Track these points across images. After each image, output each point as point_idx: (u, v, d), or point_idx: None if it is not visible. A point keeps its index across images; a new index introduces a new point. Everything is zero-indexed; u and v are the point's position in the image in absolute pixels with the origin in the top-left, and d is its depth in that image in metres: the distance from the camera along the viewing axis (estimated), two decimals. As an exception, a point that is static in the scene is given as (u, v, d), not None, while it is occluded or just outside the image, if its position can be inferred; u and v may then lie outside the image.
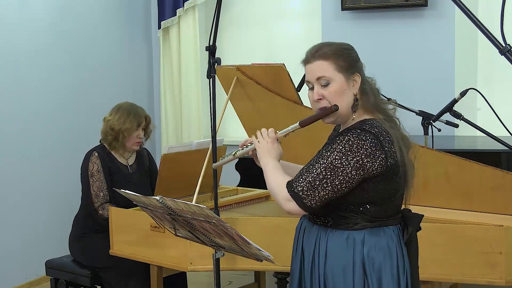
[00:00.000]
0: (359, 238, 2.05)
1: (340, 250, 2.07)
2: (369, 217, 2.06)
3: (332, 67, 2.06)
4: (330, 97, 2.07)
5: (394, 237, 2.09)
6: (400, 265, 2.09)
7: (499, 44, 1.72)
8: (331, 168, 1.99)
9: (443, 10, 4.73)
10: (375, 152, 1.99)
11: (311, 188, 2.00)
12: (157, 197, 2.21)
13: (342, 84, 2.07)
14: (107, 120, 3.68)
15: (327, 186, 1.99)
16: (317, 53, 2.09)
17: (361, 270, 2.05)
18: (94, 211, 3.60)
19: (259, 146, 2.19)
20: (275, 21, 5.64)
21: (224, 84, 3.36)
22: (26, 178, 4.67)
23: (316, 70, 2.08)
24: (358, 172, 1.98)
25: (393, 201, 2.10)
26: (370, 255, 2.05)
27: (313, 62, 2.09)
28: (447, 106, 3.32)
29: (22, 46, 4.64)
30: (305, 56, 2.14)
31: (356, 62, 2.12)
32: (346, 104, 2.08)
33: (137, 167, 3.78)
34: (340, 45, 2.12)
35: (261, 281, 4.08)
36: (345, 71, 2.07)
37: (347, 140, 2.00)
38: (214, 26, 2.75)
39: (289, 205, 2.04)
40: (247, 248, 2.17)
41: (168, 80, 5.77)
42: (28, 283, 4.68)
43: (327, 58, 2.07)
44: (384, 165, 2.00)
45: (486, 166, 2.90)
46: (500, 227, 2.73)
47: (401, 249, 2.11)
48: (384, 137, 2.03)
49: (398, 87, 4.66)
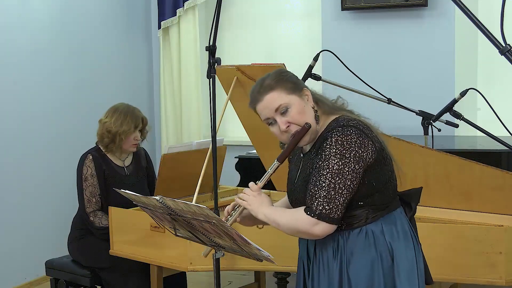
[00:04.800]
0: (378, 229, 2.07)
1: (363, 247, 2.07)
2: (377, 206, 2.07)
3: (283, 93, 2.08)
4: (296, 119, 2.07)
5: (404, 219, 2.13)
6: (416, 247, 2.13)
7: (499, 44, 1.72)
8: (338, 173, 1.99)
9: (443, 10, 4.74)
10: (363, 141, 2.01)
11: (331, 201, 1.99)
12: (157, 197, 2.21)
13: (300, 103, 2.09)
14: (103, 122, 3.64)
15: (342, 191, 1.99)
16: (262, 89, 2.10)
17: (390, 261, 2.06)
18: (86, 216, 3.59)
19: (249, 204, 2.16)
20: (275, 21, 5.64)
21: (224, 84, 3.35)
22: (26, 178, 4.67)
23: (270, 104, 2.08)
24: (360, 165, 2.00)
25: (392, 182, 2.13)
26: (393, 243, 2.07)
27: (263, 99, 2.09)
28: (447, 106, 3.32)
29: (22, 46, 4.64)
30: (251, 98, 2.14)
31: (297, 79, 2.15)
32: (312, 118, 2.10)
33: (134, 168, 3.77)
34: (276, 72, 2.14)
35: (261, 281, 4.08)
36: (295, 90, 2.09)
37: (336, 141, 2.00)
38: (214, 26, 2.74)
39: (318, 228, 2.00)
40: (247, 248, 2.17)
41: (168, 80, 5.77)
42: (28, 283, 4.68)
43: (274, 88, 2.09)
44: (374, 150, 2.03)
45: (486, 166, 2.90)
46: (500, 227, 2.73)
47: (412, 229, 2.15)
48: (362, 125, 2.06)
49: (398, 87, 4.66)
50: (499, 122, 3.08)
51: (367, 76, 3.47)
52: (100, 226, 3.53)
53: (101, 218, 3.55)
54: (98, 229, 3.54)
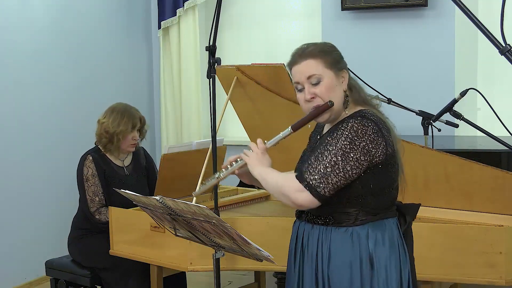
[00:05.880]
0: (364, 233, 2.05)
1: (345, 247, 2.06)
2: (369, 210, 2.06)
3: (321, 65, 2.07)
4: (323, 94, 2.07)
5: (394, 229, 2.10)
6: (402, 257, 2.10)
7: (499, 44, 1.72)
8: (342, 154, 1.98)
9: (443, 10, 4.74)
10: (377, 138, 2.01)
11: (324, 176, 1.98)
12: (157, 197, 2.21)
13: (333, 80, 2.08)
14: (101, 123, 3.64)
15: (339, 172, 1.98)
16: (304, 53, 2.09)
17: (368, 265, 2.05)
18: (91, 215, 3.59)
19: (249, 158, 2.17)
20: (275, 21, 5.64)
21: (224, 84, 3.35)
22: (26, 178, 4.67)
23: (305, 70, 2.08)
24: (366, 158, 1.99)
25: (391, 192, 2.11)
26: (376, 249, 2.05)
27: (301, 62, 2.09)
28: (447, 106, 3.32)
29: (22, 46, 4.64)
30: (291, 58, 2.13)
31: (342, 59, 2.14)
32: (338, 100, 2.08)
33: (134, 167, 3.77)
34: (324, 44, 2.14)
35: (261, 281, 4.08)
36: (334, 67, 2.08)
37: (351, 127, 2.00)
38: (214, 26, 2.75)
39: (301, 196, 2.00)
40: (247, 248, 2.17)
41: (168, 80, 5.77)
42: (28, 283, 4.68)
43: (315, 57, 2.08)
44: (385, 153, 2.02)
45: (486, 166, 2.90)
46: (500, 227, 2.73)
47: (402, 240, 2.13)
48: (383, 125, 2.05)
49: (398, 87, 4.66)
50: (499, 122, 3.08)
51: (367, 76, 3.47)
52: (107, 220, 3.51)
53: (106, 213, 3.54)
54: (105, 223, 3.51)
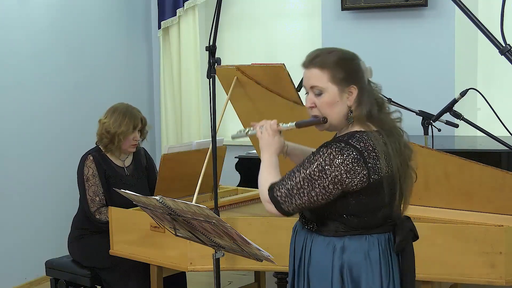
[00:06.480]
0: (339, 244, 2.05)
1: (321, 255, 2.08)
2: (352, 226, 2.05)
3: (326, 78, 2.04)
4: (321, 107, 2.06)
5: (376, 245, 2.06)
6: (384, 275, 2.06)
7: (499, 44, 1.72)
8: (309, 180, 1.99)
9: (443, 10, 4.74)
10: (355, 168, 1.96)
11: (289, 195, 2.02)
12: (157, 197, 2.21)
13: (335, 96, 2.04)
14: (103, 123, 3.63)
15: (303, 196, 2.00)
16: (314, 60, 2.06)
17: (339, 276, 2.05)
18: (91, 215, 3.59)
19: (261, 138, 2.20)
20: (275, 21, 5.64)
21: (224, 84, 3.35)
22: (26, 178, 4.67)
23: (310, 78, 2.07)
24: (336, 187, 1.97)
25: (377, 215, 2.06)
26: (350, 261, 2.04)
27: (309, 69, 2.08)
28: (447, 106, 3.32)
29: (22, 46, 4.64)
30: (304, 59, 2.11)
31: (355, 73, 2.05)
32: (336, 116, 2.06)
33: (134, 168, 3.76)
34: (341, 54, 2.07)
35: (261, 281, 4.08)
36: (340, 83, 2.03)
37: (329, 154, 1.97)
38: (214, 26, 2.75)
39: (268, 206, 2.08)
40: (247, 248, 2.17)
41: (168, 80, 5.77)
42: (28, 283, 4.68)
43: (323, 68, 2.04)
44: (366, 181, 1.97)
45: (486, 166, 2.90)
46: (500, 227, 2.73)
47: (387, 258, 2.08)
48: (370, 153, 1.99)
49: (398, 87, 4.65)
50: (499, 122, 3.08)
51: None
52: (107, 220, 3.51)
53: (106, 213, 3.54)
54: (106, 223, 3.50)
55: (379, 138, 2.03)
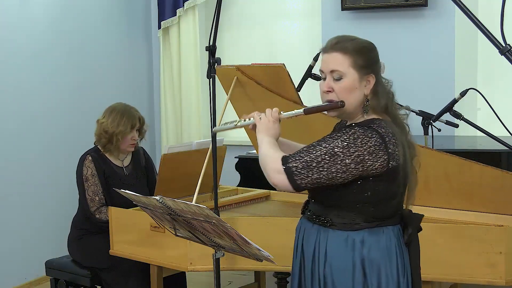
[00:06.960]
0: (359, 238, 2.05)
1: (340, 250, 2.06)
2: (367, 217, 2.06)
3: (347, 63, 2.05)
4: (339, 92, 2.06)
5: (393, 237, 2.09)
6: (400, 266, 2.09)
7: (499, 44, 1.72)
8: (332, 154, 1.97)
9: (443, 10, 4.74)
10: (378, 151, 1.98)
11: (306, 168, 1.98)
12: (157, 197, 2.21)
13: (354, 81, 2.05)
14: (101, 123, 3.64)
15: (322, 170, 1.98)
16: (337, 45, 2.08)
17: (361, 271, 2.05)
18: (91, 215, 3.58)
19: (260, 122, 2.17)
20: (275, 21, 5.64)
21: (224, 84, 3.35)
22: (26, 178, 4.67)
23: (331, 62, 2.07)
24: (357, 167, 1.97)
25: (392, 203, 2.09)
26: (370, 256, 2.05)
27: (330, 53, 2.08)
28: (447, 106, 3.32)
29: (22, 46, 4.64)
30: (325, 44, 2.12)
31: (374, 63, 2.09)
32: (352, 102, 2.06)
33: (133, 167, 3.76)
34: (362, 42, 2.10)
35: (261, 281, 4.08)
36: (360, 69, 2.05)
37: (353, 133, 1.99)
38: (214, 26, 2.75)
39: (278, 177, 2.01)
40: (247, 248, 2.17)
41: (168, 80, 5.77)
42: (28, 283, 4.68)
43: (345, 53, 2.05)
44: (385, 166, 2.00)
45: (486, 166, 2.90)
46: (500, 227, 2.73)
47: (401, 249, 2.11)
48: (390, 139, 2.02)
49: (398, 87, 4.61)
50: (499, 122, 3.09)
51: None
52: (107, 219, 3.50)
53: (106, 212, 3.54)
54: (106, 222, 3.50)
55: (395, 128, 2.07)
